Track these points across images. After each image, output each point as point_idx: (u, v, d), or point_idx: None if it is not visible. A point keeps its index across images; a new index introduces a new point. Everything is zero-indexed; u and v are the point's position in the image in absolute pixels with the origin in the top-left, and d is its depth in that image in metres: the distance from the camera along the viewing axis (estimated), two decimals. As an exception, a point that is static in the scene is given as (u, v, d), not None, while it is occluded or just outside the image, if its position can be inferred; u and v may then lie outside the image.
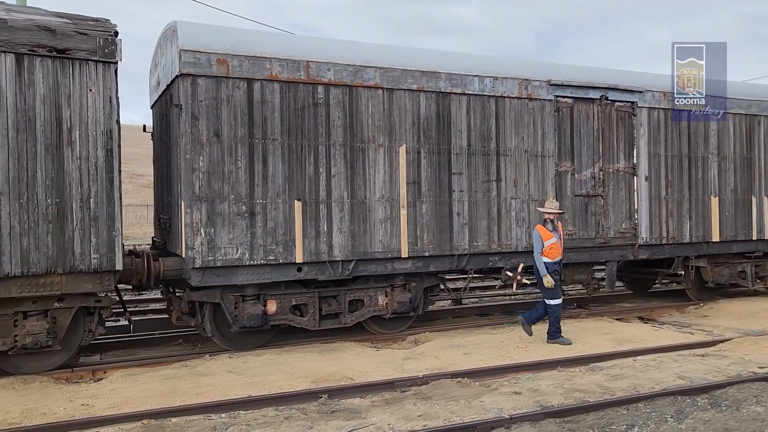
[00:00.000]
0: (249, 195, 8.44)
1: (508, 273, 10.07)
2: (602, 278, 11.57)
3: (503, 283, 10.41)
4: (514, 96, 10.12)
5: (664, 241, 11.48)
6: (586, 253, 10.78)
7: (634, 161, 11.17)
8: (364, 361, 8.24)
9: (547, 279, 9.00)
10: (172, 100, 8.39)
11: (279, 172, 8.60)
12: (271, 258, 8.54)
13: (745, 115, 12.34)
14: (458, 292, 11.43)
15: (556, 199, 9.77)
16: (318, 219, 8.82)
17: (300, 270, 8.79)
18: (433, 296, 10.34)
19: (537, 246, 9.09)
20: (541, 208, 9.42)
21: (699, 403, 6.07)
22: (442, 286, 10.34)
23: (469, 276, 10.28)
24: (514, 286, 10.08)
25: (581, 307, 12.25)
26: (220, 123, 8.28)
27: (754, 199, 12.43)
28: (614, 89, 10.98)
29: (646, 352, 8.39)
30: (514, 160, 10.16)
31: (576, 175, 10.68)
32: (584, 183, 10.76)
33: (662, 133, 11.47)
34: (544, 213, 9.21)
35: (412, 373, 7.48)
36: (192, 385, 7.16)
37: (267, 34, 10.19)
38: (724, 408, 5.96)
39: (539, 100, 10.33)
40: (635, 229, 11.16)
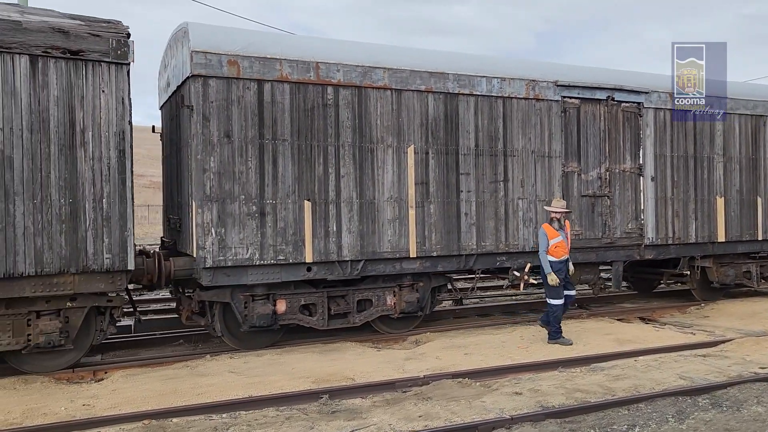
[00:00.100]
0: (259, 195, 8.48)
1: (516, 273, 10.13)
2: (608, 278, 11.62)
3: (510, 283, 10.45)
4: (522, 97, 10.16)
5: (670, 242, 11.52)
6: (593, 253, 10.83)
7: (641, 162, 11.22)
8: (365, 361, 8.26)
9: (551, 277, 9.03)
10: (184, 101, 8.44)
11: (289, 173, 8.65)
12: (281, 258, 8.59)
13: (751, 116, 12.38)
14: (465, 292, 11.46)
15: (562, 199, 9.82)
16: (327, 219, 8.86)
17: (309, 270, 8.84)
18: (440, 296, 10.38)
19: (542, 244, 9.14)
20: (548, 207, 9.47)
21: (700, 404, 6.08)
22: (450, 286, 10.38)
23: (477, 276, 10.32)
24: (521, 286, 10.14)
25: (582, 308, 12.27)
26: (231, 124, 8.33)
27: (760, 200, 12.48)
28: (621, 90, 11.03)
29: (648, 353, 8.39)
30: (522, 161, 10.21)
31: (583, 176, 10.73)
32: (591, 183, 10.80)
33: (668, 134, 11.52)
34: (551, 212, 9.27)
35: (413, 374, 7.48)
36: (193, 386, 7.18)
37: (277, 36, 10.22)
38: (725, 408, 5.98)
39: (546, 100, 10.38)
40: (641, 229, 11.21)
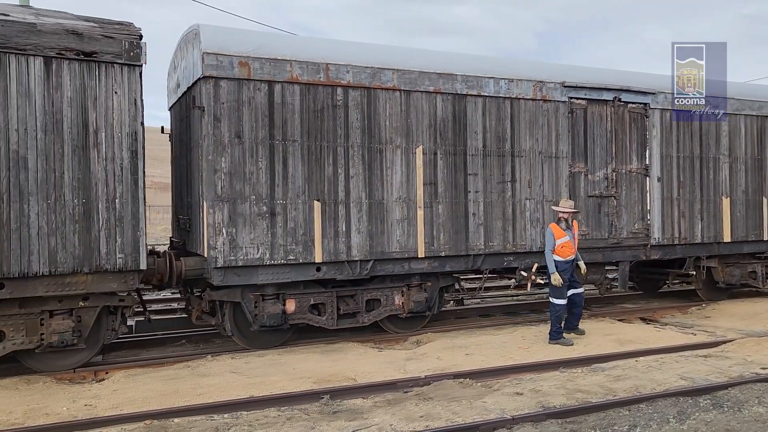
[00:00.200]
0: (270, 195, 8.54)
1: (523, 273, 10.18)
2: (615, 278, 11.66)
3: (518, 283, 10.50)
4: (529, 98, 10.22)
5: (676, 242, 11.57)
6: (599, 254, 10.87)
7: (647, 162, 11.26)
8: (367, 361, 8.28)
9: (555, 276, 9.08)
10: (194, 102, 8.50)
11: (299, 173, 8.70)
12: (291, 258, 8.65)
13: (757, 117, 12.42)
14: (473, 292, 11.51)
15: (570, 199, 9.87)
16: (337, 219, 8.92)
17: (319, 270, 8.89)
18: (449, 295, 10.43)
19: (549, 243, 9.19)
20: (556, 207, 9.52)
21: (701, 404, 6.09)
22: (457, 286, 10.43)
23: (484, 276, 10.37)
24: (529, 285, 10.19)
25: (584, 308, 12.27)
26: (242, 125, 8.39)
27: (765, 200, 12.51)
28: (627, 91, 11.07)
29: (649, 353, 8.38)
30: (529, 161, 10.26)
31: (589, 176, 10.78)
32: (597, 184, 10.85)
33: (674, 135, 11.56)
34: (559, 212, 9.32)
35: (414, 374, 7.49)
36: (194, 386, 7.20)
37: (287, 37, 10.29)
38: (726, 409, 5.99)
39: (553, 101, 10.43)
40: (648, 229, 11.25)
